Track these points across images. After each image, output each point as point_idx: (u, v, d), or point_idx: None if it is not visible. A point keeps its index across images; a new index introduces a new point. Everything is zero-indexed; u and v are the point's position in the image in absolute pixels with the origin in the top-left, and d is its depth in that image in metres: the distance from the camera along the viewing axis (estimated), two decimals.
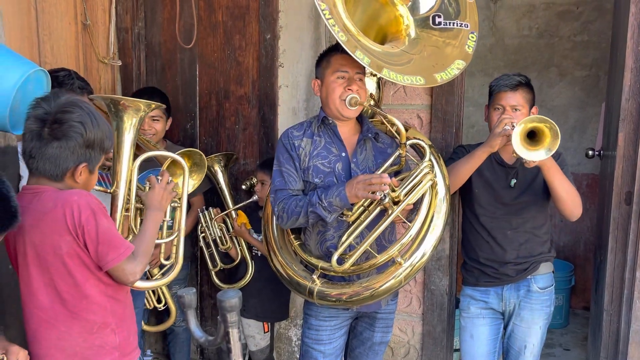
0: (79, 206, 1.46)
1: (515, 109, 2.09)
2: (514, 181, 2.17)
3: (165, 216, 1.79)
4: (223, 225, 2.70)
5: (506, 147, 2.07)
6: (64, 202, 1.47)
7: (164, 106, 2.49)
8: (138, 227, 1.86)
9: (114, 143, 1.74)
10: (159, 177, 1.76)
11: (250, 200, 2.67)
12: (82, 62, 2.73)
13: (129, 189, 1.77)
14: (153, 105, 1.82)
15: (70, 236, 1.46)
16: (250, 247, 2.70)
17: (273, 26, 2.74)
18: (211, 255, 2.71)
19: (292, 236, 2.10)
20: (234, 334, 1.10)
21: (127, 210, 1.80)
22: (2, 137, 2.05)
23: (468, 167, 2.10)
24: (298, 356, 2.86)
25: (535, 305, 2.19)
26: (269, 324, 2.75)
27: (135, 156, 1.82)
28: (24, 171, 2.16)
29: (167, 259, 1.99)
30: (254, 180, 2.77)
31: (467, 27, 1.99)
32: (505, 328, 2.29)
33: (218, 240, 2.68)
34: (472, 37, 2.00)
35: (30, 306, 1.53)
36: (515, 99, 2.08)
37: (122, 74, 3.04)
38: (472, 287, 2.27)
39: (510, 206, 2.18)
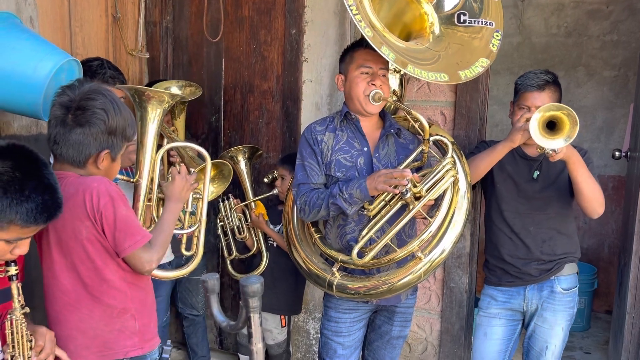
0: (98, 192, 1.49)
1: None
2: (537, 173, 2.15)
3: (187, 207, 1.81)
4: (242, 215, 2.74)
5: (529, 141, 2.04)
6: (85, 187, 1.50)
7: (188, 98, 2.53)
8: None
9: (137, 132, 1.76)
10: (179, 168, 1.78)
11: (271, 193, 2.70)
12: (112, 54, 2.79)
13: (152, 179, 1.80)
14: (178, 97, 1.84)
15: (90, 221, 1.50)
16: (266, 238, 2.73)
17: (299, 21, 2.76)
18: (227, 244, 2.75)
19: (312, 229, 2.12)
20: (255, 319, 1.13)
21: (149, 200, 1.82)
22: (34, 124, 2.13)
23: (488, 160, 2.09)
24: (316, 349, 2.88)
25: (558, 306, 2.17)
26: (287, 318, 2.78)
27: (159, 147, 1.84)
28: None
29: (188, 249, 2.03)
30: (276, 174, 2.79)
31: (492, 25, 1.98)
32: (526, 328, 2.27)
33: (235, 230, 2.72)
34: (497, 36, 1.99)
35: (53, 289, 1.57)
36: (541, 99, 2.05)
37: (150, 66, 3.09)
38: (494, 286, 2.26)
39: (534, 200, 2.16)
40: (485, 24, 1.97)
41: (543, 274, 2.17)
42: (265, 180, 2.83)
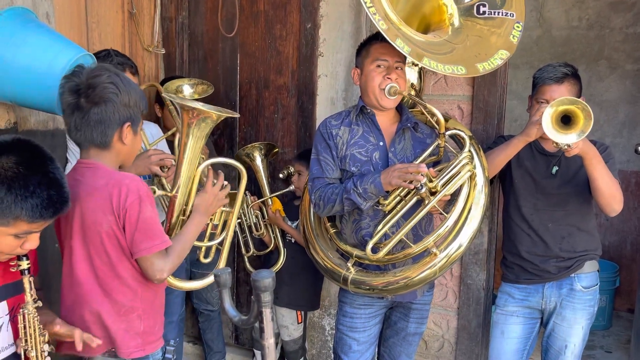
0: (128, 189, 1.48)
1: None
2: (555, 168, 2.11)
3: (213, 219, 1.79)
4: (259, 212, 2.73)
5: (545, 136, 2.00)
6: (115, 182, 1.49)
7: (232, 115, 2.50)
8: None
9: (179, 147, 1.72)
10: (215, 180, 1.74)
11: (287, 189, 2.69)
12: (128, 49, 2.81)
13: (189, 194, 1.75)
14: (223, 117, 1.76)
15: (113, 216, 1.49)
16: (283, 235, 2.72)
17: (314, 15, 2.74)
18: (245, 241, 2.74)
19: (328, 224, 2.11)
20: (266, 313, 1.11)
21: (183, 214, 1.78)
22: (51, 120, 2.15)
23: (504, 155, 2.06)
24: (331, 345, 2.87)
25: (578, 304, 2.13)
26: (303, 314, 2.77)
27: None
28: (71, 155, 2.25)
29: (206, 257, 2.02)
30: (291, 169, 2.78)
31: (513, 16, 1.94)
32: (545, 326, 2.23)
33: (252, 227, 2.71)
34: (518, 27, 1.94)
35: (69, 279, 1.57)
36: (560, 92, 2.00)
37: (166, 62, 3.10)
38: (512, 284, 2.23)
39: (552, 197, 2.12)
40: (506, 15, 1.93)
41: (562, 271, 2.13)
42: (281, 175, 2.82)
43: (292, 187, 2.67)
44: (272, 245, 2.72)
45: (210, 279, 1.87)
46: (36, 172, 1.26)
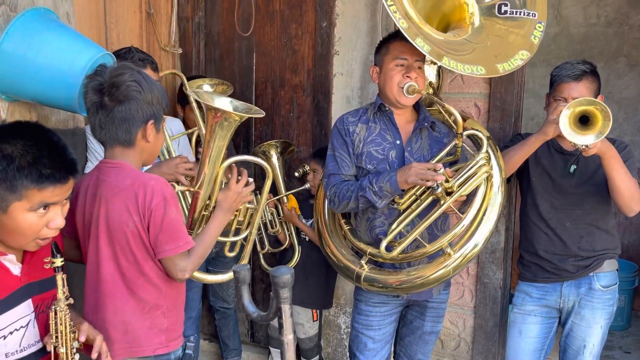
0: (153, 190, 1.50)
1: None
2: (573, 167, 2.09)
3: (238, 215, 1.80)
4: (274, 209, 2.74)
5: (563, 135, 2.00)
6: (141, 183, 1.51)
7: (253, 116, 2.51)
8: None
9: (203, 146, 1.73)
10: (239, 177, 1.74)
11: (303, 187, 2.69)
12: (145, 49, 2.83)
13: (212, 191, 1.76)
14: (246, 117, 1.76)
15: (138, 216, 1.50)
16: (298, 232, 2.73)
17: (330, 14, 2.75)
18: (260, 238, 2.75)
19: (342, 221, 2.12)
20: (285, 309, 1.12)
21: (206, 208, 1.78)
22: (71, 119, 2.17)
23: (521, 153, 2.05)
24: (347, 343, 2.87)
25: (597, 304, 2.11)
26: (318, 312, 2.78)
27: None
28: (91, 154, 2.28)
29: (231, 251, 2.04)
30: (307, 167, 2.78)
31: (535, 16, 1.92)
32: (563, 326, 2.21)
33: (268, 224, 2.72)
34: (539, 27, 1.92)
35: (94, 277, 1.58)
36: (578, 90, 1.98)
37: (182, 61, 3.13)
38: (529, 282, 2.21)
39: (570, 196, 2.10)
40: (528, 15, 1.92)
41: (581, 270, 2.11)
42: (296, 174, 2.83)
43: (307, 186, 2.68)
44: (287, 242, 2.73)
45: (228, 275, 1.88)
46: (37, 141, 1.27)
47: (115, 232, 1.53)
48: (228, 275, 1.93)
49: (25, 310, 1.36)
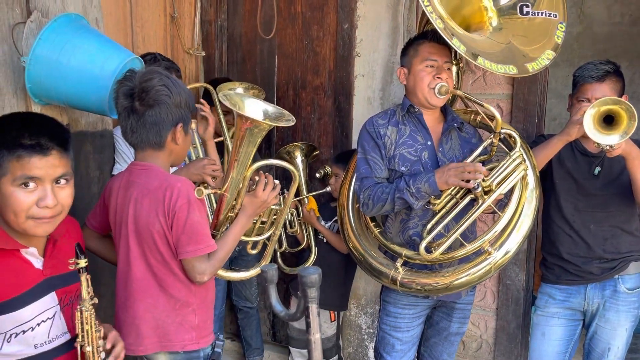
0: (179, 192, 1.53)
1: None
2: (598, 169, 2.07)
3: (262, 216, 1.82)
4: (294, 210, 2.74)
5: (587, 135, 1.99)
6: (168, 184, 1.54)
7: (282, 124, 2.51)
8: None
9: (232, 149, 1.75)
10: (265, 181, 1.75)
11: (324, 190, 2.69)
12: (170, 52, 2.88)
13: (239, 194, 1.77)
14: (274, 124, 1.75)
15: (164, 217, 1.54)
16: (316, 234, 2.73)
17: (351, 16, 2.76)
18: (279, 237, 2.73)
19: (372, 224, 2.11)
20: (313, 309, 1.14)
21: (232, 209, 1.79)
22: (100, 121, 2.23)
23: (543, 154, 2.04)
24: (367, 344, 2.89)
25: (622, 306, 2.09)
26: (336, 313, 2.78)
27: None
28: (119, 156, 2.33)
29: (253, 249, 2.06)
30: (328, 169, 2.80)
31: (556, 17, 1.93)
32: (587, 329, 2.20)
33: (287, 224, 2.72)
34: (561, 27, 1.94)
35: (125, 276, 1.62)
36: (601, 90, 1.97)
37: (205, 64, 3.17)
38: (552, 284, 2.19)
39: (594, 198, 2.09)
40: (549, 16, 1.92)
41: (605, 272, 2.09)
42: (317, 175, 2.84)
43: (328, 189, 2.68)
44: (304, 243, 2.73)
45: (255, 271, 1.90)
46: (24, 118, 1.31)
47: (143, 232, 1.57)
48: (250, 273, 1.95)
49: (50, 302, 1.40)
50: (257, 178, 1.76)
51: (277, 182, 1.79)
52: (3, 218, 1.32)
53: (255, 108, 1.74)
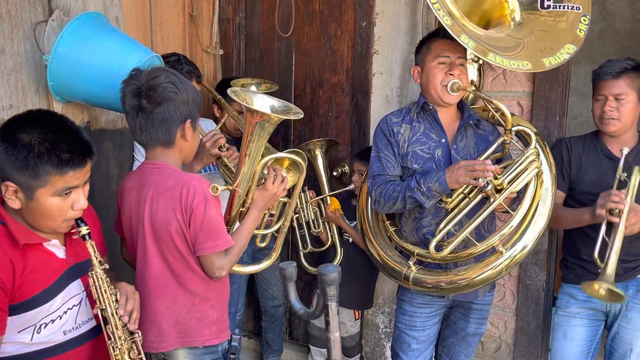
0: (195, 190, 1.54)
1: (618, 98, 1.97)
2: (624, 175, 2.03)
3: (271, 209, 1.82)
4: (317, 209, 2.72)
5: (615, 138, 1.99)
6: (184, 182, 1.55)
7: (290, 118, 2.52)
8: None
9: (242, 144, 1.76)
10: (275, 175, 1.76)
11: (347, 188, 2.66)
12: (188, 51, 2.90)
13: (249, 189, 1.78)
14: (283, 118, 1.75)
15: (181, 215, 1.55)
16: (341, 233, 2.72)
17: (369, 14, 2.75)
18: (302, 237, 2.74)
19: (387, 222, 2.10)
20: (332, 307, 1.14)
21: (243, 205, 1.81)
22: (119, 119, 2.25)
23: (570, 222, 2.08)
24: (385, 343, 2.87)
25: None
26: (360, 311, 2.77)
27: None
28: (138, 154, 2.35)
29: (263, 242, 2.07)
30: (346, 167, 2.78)
31: (579, 9, 1.88)
32: (608, 329, 2.16)
33: (311, 223, 2.70)
34: (584, 21, 1.89)
35: (144, 274, 1.64)
36: (618, 86, 1.95)
37: (223, 62, 3.18)
38: (574, 285, 2.16)
39: None
40: (571, 9, 1.88)
41: (628, 272, 2.05)
42: (335, 173, 2.83)
43: (352, 186, 2.64)
44: (328, 243, 2.71)
45: (265, 264, 1.90)
46: (53, 128, 1.34)
47: (160, 230, 1.58)
48: (260, 266, 1.95)
49: (76, 289, 1.44)
50: (265, 172, 1.77)
51: (285, 174, 1.80)
52: (35, 222, 1.37)
53: (263, 103, 1.75)
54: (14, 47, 1.83)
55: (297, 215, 2.72)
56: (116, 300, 1.41)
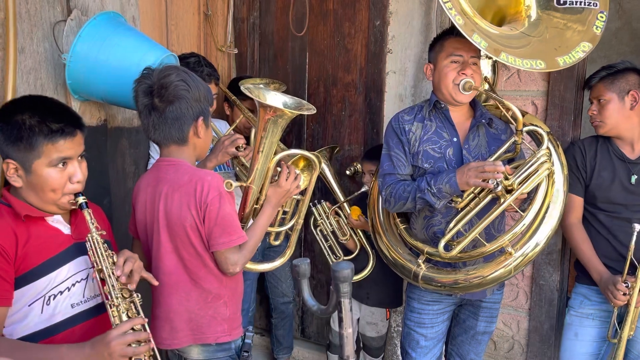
0: (210, 185, 1.56)
1: (600, 101, 2.08)
2: (634, 177, 2.02)
3: (284, 206, 1.84)
4: (337, 216, 2.63)
5: (622, 140, 2.01)
6: (198, 178, 1.57)
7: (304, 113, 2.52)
8: None
9: (255, 141, 1.77)
10: (288, 171, 1.77)
11: (361, 191, 2.58)
12: (203, 50, 2.92)
13: (263, 185, 1.79)
14: (297, 113, 1.75)
15: (195, 210, 1.56)
16: (368, 236, 2.62)
17: (383, 12, 2.75)
18: (331, 247, 2.66)
19: (398, 219, 2.11)
20: (345, 304, 1.14)
21: (257, 201, 1.82)
22: (136, 117, 2.28)
23: (583, 260, 2.12)
24: (396, 342, 2.88)
25: None
26: (390, 310, 2.75)
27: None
28: (153, 151, 2.37)
29: (276, 240, 2.08)
30: (358, 166, 2.77)
31: (597, 5, 1.86)
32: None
33: (337, 232, 2.61)
34: (602, 17, 1.87)
35: (157, 271, 1.65)
36: (597, 89, 2.09)
37: (237, 61, 3.20)
38: (588, 285, 2.15)
39: (632, 205, 2.05)
40: (589, 5, 1.86)
41: None
42: (347, 172, 2.83)
43: (365, 188, 2.59)
44: (357, 249, 2.61)
45: (280, 261, 1.91)
46: (41, 105, 1.42)
47: (175, 226, 1.59)
48: (275, 264, 1.97)
49: (82, 264, 1.48)
50: (279, 169, 1.78)
51: (298, 171, 1.80)
52: (37, 197, 1.42)
53: (276, 99, 1.76)
54: (33, 46, 1.86)
55: (319, 227, 2.65)
56: (114, 263, 1.43)
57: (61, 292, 1.43)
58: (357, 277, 2.54)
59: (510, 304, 2.57)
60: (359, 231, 2.63)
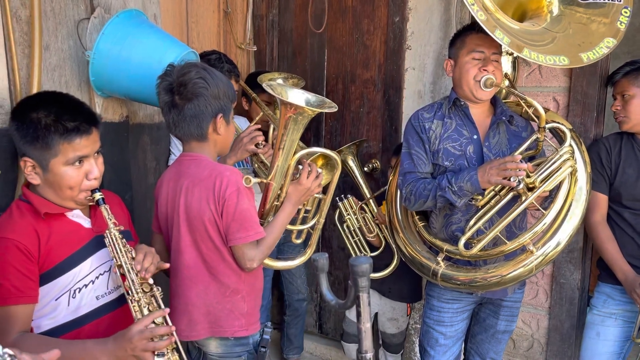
0: (228, 180, 1.57)
1: (624, 96, 2.07)
2: None
3: (306, 204, 1.83)
4: (364, 212, 2.61)
5: None
6: (217, 173, 1.59)
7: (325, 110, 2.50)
8: None
9: (277, 137, 1.76)
10: (310, 169, 1.77)
11: (384, 188, 2.54)
12: (222, 47, 2.95)
13: (284, 183, 1.79)
14: (318, 111, 1.73)
15: (214, 205, 1.58)
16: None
17: (402, 9, 2.74)
18: (357, 243, 2.63)
19: (416, 217, 2.10)
20: (363, 298, 1.14)
21: (277, 198, 1.81)
22: (157, 114, 2.31)
23: (607, 259, 2.11)
24: (413, 339, 2.87)
25: None
26: (411, 306, 2.75)
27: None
28: (174, 147, 2.40)
29: (298, 238, 2.08)
30: (377, 163, 2.76)
31: (620, 1, 1.83)
32: None
33: (364, 229, 2.59)
34: (626, 12, 1.84)
35: (177, 263, 1.67)
36: (621, 85, 2.09)
37: (257, 59, 3.22)
38: (612, 285, 2.12)
39: None
40: (612, 0, 1.83)
41: None
42: (366, 169, 2.83)
43: None
44: (382, 246, 2.57)
45: (300, 259, 1.92)
46: (56, 103, 1.42)
47: (194, 220, 1.61)
48: (296, 262, 1.97)
49: (105, 256, 1.50)
50: (300, 167, 1.77)
51: (319, 170, 1.80)
52: (55, 194, 1.44)
53: (298, 97, 1.76)
54: (57, 44, 1.90)
55: (345, 224, 2.62)
56: (133, 258, 1.44)
57: (86, 285, 1.46)
58: (381, 274, 2.53)
59: (529, 303, 2.55)
60: (384, 227, 2.60)
